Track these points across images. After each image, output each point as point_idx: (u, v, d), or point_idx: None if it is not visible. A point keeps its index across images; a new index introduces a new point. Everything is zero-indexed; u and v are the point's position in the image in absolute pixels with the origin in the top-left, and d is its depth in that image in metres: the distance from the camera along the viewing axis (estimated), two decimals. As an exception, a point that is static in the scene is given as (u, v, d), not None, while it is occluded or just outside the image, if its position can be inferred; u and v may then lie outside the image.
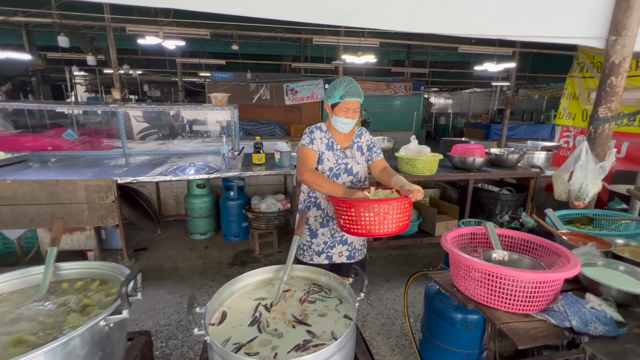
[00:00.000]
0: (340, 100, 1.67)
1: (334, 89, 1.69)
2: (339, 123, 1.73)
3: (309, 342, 0.90)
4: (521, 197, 3.66)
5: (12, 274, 1.10)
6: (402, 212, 1.44)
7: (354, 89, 1.66)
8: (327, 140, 1.79)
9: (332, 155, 1.78)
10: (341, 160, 1.79)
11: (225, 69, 12.14)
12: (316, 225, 1.84)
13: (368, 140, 1.91)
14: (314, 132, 1.80)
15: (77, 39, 7.80)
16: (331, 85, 1.72)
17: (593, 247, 1.38)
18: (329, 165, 1.77)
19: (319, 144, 1.77)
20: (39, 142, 4.88)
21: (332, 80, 1.75)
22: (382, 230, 1.42)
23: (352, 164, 1.81)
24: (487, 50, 7.43)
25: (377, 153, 1.89)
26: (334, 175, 1.78)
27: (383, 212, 1.39)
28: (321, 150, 1.77)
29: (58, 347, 0.76)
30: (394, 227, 1.43)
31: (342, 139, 1.82)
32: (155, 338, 2.32)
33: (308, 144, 1.76)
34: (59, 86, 13.15)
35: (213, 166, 3.53)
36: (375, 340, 2.35)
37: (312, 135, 1.78)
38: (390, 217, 1.40)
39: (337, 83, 1.70)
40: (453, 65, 13.45)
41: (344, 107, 1.68)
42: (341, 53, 7.28)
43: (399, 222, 1.44)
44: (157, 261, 3.47)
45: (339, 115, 1.71)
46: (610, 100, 2.28)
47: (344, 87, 1.66)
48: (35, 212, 2.95)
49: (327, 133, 1.81)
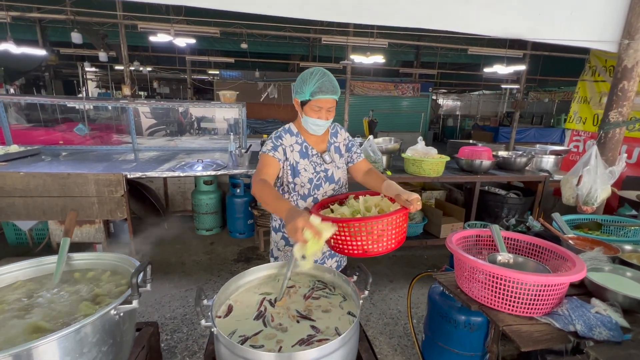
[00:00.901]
0: (310, 97, 1.38)
1: (303, 84, 1.40)
2: (310, 124, 1.45)
3: (313, 336, 0.92)
4: (528, 201, 3.63)
5: (27, 262, 1.13)
6: (401, 226, 1.24)
7: (327, 85, 1.37)
8: (300, 145, 1.51)
9: (308, 163, 1.50)
10: (319, 168, 1.52)
11: (233, 67, 12.25)
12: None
13: (345, 138, 1.64)
14: (282, 137, 1.50)
15: (90, 35, 7.94)
16: (300, 79, 1.42)
17: (600, 252, 1.37)
18: (307, 176, 1.49)
19: (288, 152, 1.48)
20: (51, 136, 5.00)
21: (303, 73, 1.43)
22: (380, 249, 1.21)
23: (332, 170, 1.55)
24: (497, 53, 7.36)
25: (358, 153, 1.63)
26: (314, 187, 1.52)
27: (381, 230, 1.18)
28: (295, 160, 1.49)
29: (71, 334, 0.79)
30: (393, 243, 1.23)
31: (317, 140, 1.55)
32: (161, 331, 2.36)
33: (269, 151, 1.46)
34: (71, 82, 13.38)
35: (220, 163, 3.56)
36: (377, 340, 2.36)
37: (279, 142, 1.48)
38: (389, 233, 1.20)
39: (306, 76, 1.39)
40: (462, 67, 13.35)
41: (315, 105, 1.40)
42: (350, 53, 7.28)
43: (398, 236, 1.24)
44: (164, 255, 3.52)
45: (309, 115, 1.43)
46: (621, 105, 2.25)
47: (315, 81, 1.36)
48: (47, 204, 3.01)
49: (299, 136, 1.52)
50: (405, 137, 4.98)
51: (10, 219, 3.05)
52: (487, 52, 7.26)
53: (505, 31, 2.22)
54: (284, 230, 1.60)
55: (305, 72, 1.42)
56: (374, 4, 2.14)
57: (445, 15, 2.19)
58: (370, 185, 1.51)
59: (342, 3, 2.11)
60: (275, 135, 1.52)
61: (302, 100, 1.43)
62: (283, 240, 1.62)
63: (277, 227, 1.63)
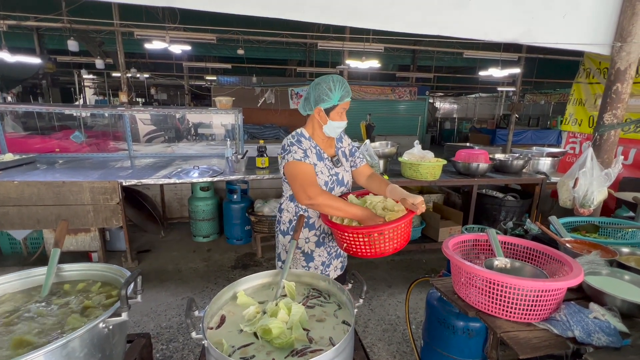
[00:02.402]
0: (339, 102, 1.48)
1: (329, 91, 1.45)
2: (335, 128, 1.53)
3: (307, 347, 0.90)
4: (526, 203, 3.63)
5: (14, 275, 1.11)
6: (407, 228, 1.37)
7: (348, 88, 1.50)
8: (315, 149, 1.56)
9: (324, 167, 1.56)
10: (332, 172, 1.58)
11: (231, 72, 12.29)
12: (310, 247, 1.62)
13: (349, 144, 1.74)
14: (302, 141, 1.53)
15: (87, 43, 7.96)
16: (324, 88, 1.46)
17: (597, 255, 1.36)
18: (323, 179, 1.54)
19: (311, 156, 1.52)
20: (47, 144, 4.97)
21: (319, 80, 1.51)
22: (390, 248, 1.35)
23: (342, 174, 1.62)
24: (492, 56, 7.42)
25: (361, 158, 1.74)
26: (329, 190, 1.57)
27: (393, 232, 1.32)
28: (314, 163, 1.52)
29: (57, 349, 0.77)
30: (400, 243, 1.37)
31: (326, 145, 1.61)
32: (156, 340, 2.32)
33: (303, 158, 1.47)
34: (68, 89, 13.40)
35: (217, 169, 3.55)
36: (376, 347, 2.33)
37: (302, 146, 1.50)
38: (399, 234, 1.33)
39: (329, 84, 1.45)
40: (458, 70, 13.44)
41: (341, 108, 1.50)
42: (346, 58, 7.32)
43: (405, 237, 1.38)
44: (160, 263, 3.49)
45: (335, 119, 1.50)
46: (615, 107, 2.26)
47: (340, 87, 1.46)
48: (42, 213, 2.99)
49: (312, 141, 1.57)
50: (402, 141, 4.99)
51: (4, 228, 3.03)
52: (483, 55, 7.31)
53: (500, 35, 2.24)
54: (292, 233, 1.62)
55: (322, 81, 1.47)
56: (369, 9, 2.15)
57: (441, 20, 2.21)
58: (374, 189, 1.60)
59: (337, 6, 2.12)
60: (295, 140, 1.53)
61: (328, 107, 1.49)
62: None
63: (285, 230, 1.64)
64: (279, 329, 0.90)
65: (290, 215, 1.62)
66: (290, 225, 1.62)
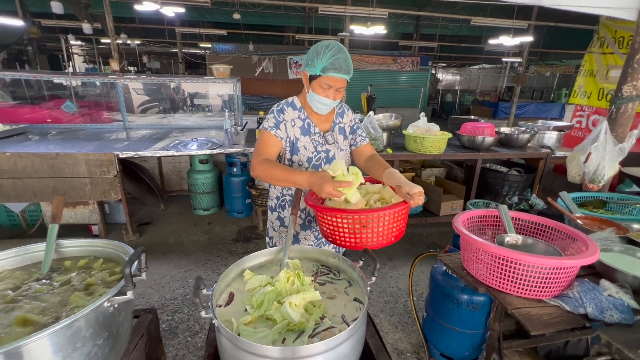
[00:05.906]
0: (321, 73, 1.26)
1: (315, 56, 1.26)
2: (315, 102, 1.34)
3: (319, 325, 0.88)
4: (529, 178, 3.60)
5: (13, 251, 1.07)
6: (398, 221, 1.16)
7: (341, 62, 1.24)
8: (303, 121, 1.41)
9: (309, 141, 1.41)
10: (321, 148, 1.43)
11: (226, 39, 11.73)
12: (297, 228, 1.52)
13: (351, 120, 1.54)
14: (285, 110, 1.40)
15: (71, 4, 7.46)
16: (312, 50, 1.28)
17: (612, 232, 1.33)
18: (306, 155, 1.41)
19: (289, 128, 1.39)
20: (38, 114, 4.79)
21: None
22: (374, 242, 1.15)
23: (334, 152, 1.46)
24: (501, 23, 7.06)
25: (363, 137, 1.54)
26: (313, 167, 1.43)
27: (377, 221, 1.11)
28: (294, 136, 1.39)
29: (62, 329, 0.74)
30: (392, 236, 1.17)
31: (321, 119, 1.45)
32: (162, 312, 2.36)
33: (271, 128, 1.36)
34: (56, 56, 12.80)
35: (216, 141, 3.45)
36: (378, 318, 2.38)
37: (281, 116, 1.38)
38: (388, 226, 1.13)
39: (320, 49, 1.25)
40: (463, 39, 12.91)
41: (325, 83, 1.28)
42: (348, 24, 6.94)
43: (398, 229, 1.18)
44: (161, 236, 3.49)
45: (316, 91, 1.31)
46: (636, 78, 2.15)
47: (329, 56, 1.23)
48: (37, 185, 2.92)
49: (302, 111, 1.42)
50: (404, 113, 4.85)
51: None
52: (491, 22, 6.95)
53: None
54: (279, 210, 1.55)
55: (319, 43, 1.29)
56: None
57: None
58: (373, 172, 1.42)
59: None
60: (277, 109, 1.41)
61: (312, 75, 1.30)
62: (278, 220, 1.57)
63: (273, 206, 1.57)
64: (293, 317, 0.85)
65: (277, 192, 1.53)
66: (278, 201, 1.54)
